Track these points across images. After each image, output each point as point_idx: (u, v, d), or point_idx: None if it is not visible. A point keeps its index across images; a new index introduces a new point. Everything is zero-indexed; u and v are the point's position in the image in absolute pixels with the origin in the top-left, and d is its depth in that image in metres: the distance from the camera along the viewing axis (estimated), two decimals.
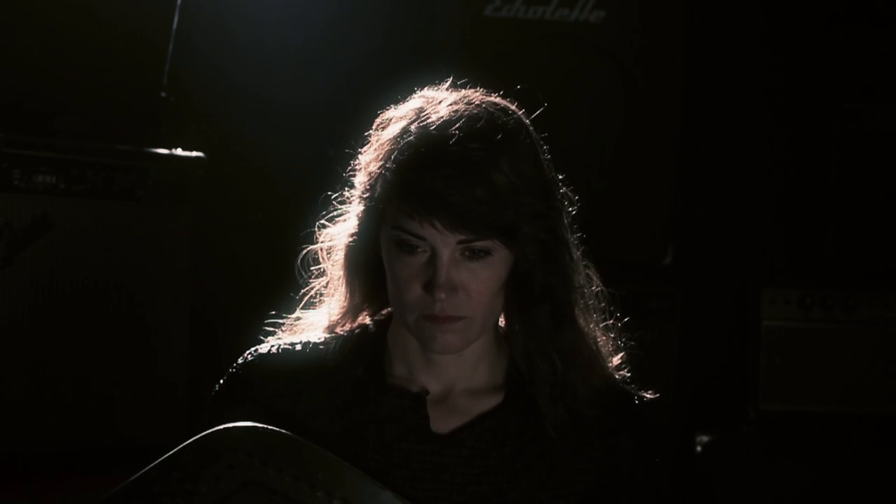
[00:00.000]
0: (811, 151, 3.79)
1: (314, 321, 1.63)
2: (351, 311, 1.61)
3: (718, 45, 3.75)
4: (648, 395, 1.63)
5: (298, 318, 1.64)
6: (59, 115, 3.16)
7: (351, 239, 1.57)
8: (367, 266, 1.57)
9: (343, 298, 1.61)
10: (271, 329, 1.65)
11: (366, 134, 1.57)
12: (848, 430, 3.50)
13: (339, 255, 1.59)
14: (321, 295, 1.64)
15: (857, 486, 3.46)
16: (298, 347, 1.60)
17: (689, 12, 3.48)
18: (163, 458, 1.49)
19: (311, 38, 3.55)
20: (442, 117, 1.48)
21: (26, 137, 2.96)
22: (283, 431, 1.48)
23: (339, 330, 1.61)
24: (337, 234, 1.60)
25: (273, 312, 1.66)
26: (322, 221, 1.62)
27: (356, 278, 1.59)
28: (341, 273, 1.60)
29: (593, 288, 1.60)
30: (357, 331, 1.61)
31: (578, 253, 1.57)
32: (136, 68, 3.42)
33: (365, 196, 1.54)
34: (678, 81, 3.46)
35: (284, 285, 1.69)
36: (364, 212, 1.54)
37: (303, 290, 1.65)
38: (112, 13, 3.40)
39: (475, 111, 1.50)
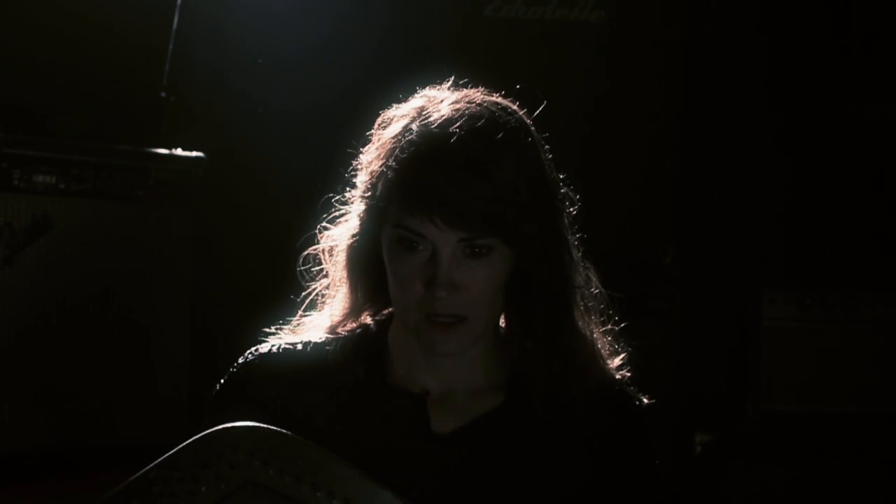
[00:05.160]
0: (811, 152, 3.79)
1: (317, 323, 1.63)
2: (353, 312, 1.61)
3: (718, 46, 3.75)
4: (645, 400, 1.63)
5: (300, 323, 1.64)
6: (59, 115, 3.16)
7: (352, 239, 1.57)
8: (368, 266, 1.57)
9: (345, 299, 1.61)
10: (272, 330, 1.65)
11: (367, 133, 1.57)
12: (848, 430, 3.50)
13: (341, 256, 1.59)
14: (323, 296, 1.64)
15: (857, 486, 3.46)
16: (299, 347, 1.60)
17: (689, 12, 3.48)
18: (163, 457, 1.49)
19: (312, 39, 3.55)
20: (443, 116, 1.49)
21: (26, 137, 2.97)
22: (284, 431, 1.48)
23: (340, 330, 1.61)
24: (339, 235, 1.60)
25: (280, 321, 1.65)
26: (324, 224, 1.62)
27: (358, 278, 1.58)
28: (343, 274, 1.60)
29: (592, 289, 1.60)
30: (358, 331, 1.61)
31: (579, 254, 1.57)
32: (136, 68, 3.43)
33: (366, 195, 1.54)
34: (678, 81, 3.46)
35: (285, 285, 1.69)
36: (365, 211, 1.54)
37: (304, 293, 1.65)
38: (112, 14, 3.40)
39: (476, 110, 1.50)
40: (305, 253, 1.64)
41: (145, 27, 3.39)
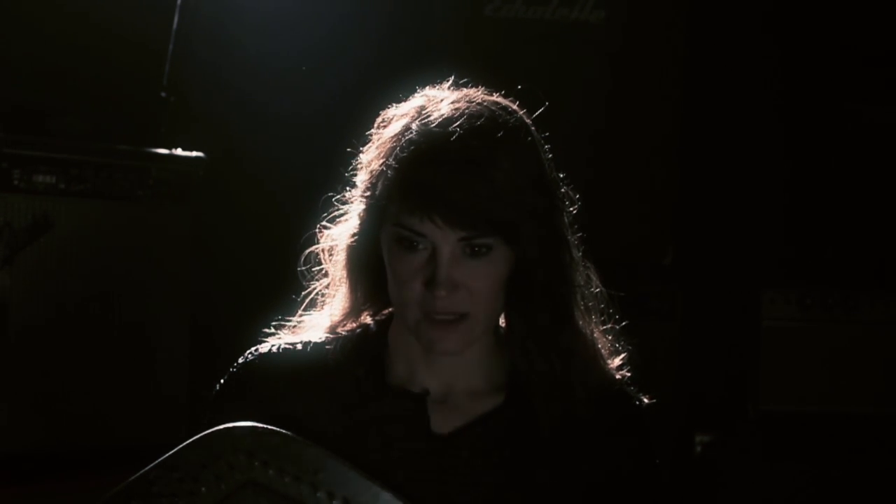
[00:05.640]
0: (811, 151, 3.79)
1: (316, 322, 1.63)
2: (353, 312, 1.61)
3: (718, 46, 3.75)
4: (646, 400, 1.62)
5: (300, 321, 1.64)
6: (60, 115, 3.16)
7: (352, 238, 1.57)
8: (368, 265, 1.57)
9: (345, 299, 1.61)
10: (272, 330, 1.65)
11: (367, 133, 1.57)
12: (848, 430, 3.50)
13: (341, 256, 1.59)
14: (323, 296, 1.64)
15: (857, 486, 3.46)
16: (299, 347, 1.60)
17: (689, 12, 3.48)
18: (163, 457, 1.49)
19: (312, 38, 3.55)
20: (443, 115, 1.49)
21: (26, 137, 2.97)
22: (284, 431, 1.48)
23: (340, 330, 1.61)
24: (338, 235, 1.60)
25: (278, 317, 1.65)
26: (324, 223, 1.62)
27: (358, 278, 1.58)
28: (343, 273, 1.60)
29: (593, 289, 1.60)
30: (358, 331, 1.61)
31: (579, 253, 1.57)
32: (136, 69, 3.43)
33: (366, 195, 1.54)
34: (678, 81, 3.46)
35: (284, 285, 1.69)
36: (365, 210, 1.54)
37: (304, 292, 1.65)
38: (112, 14, 3.40)
39: (476, 109, 1.50)
40: (307, 252, 1.64)
41: (145, 27, 3.39)
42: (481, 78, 1.59)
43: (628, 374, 1.62)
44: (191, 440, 1.49)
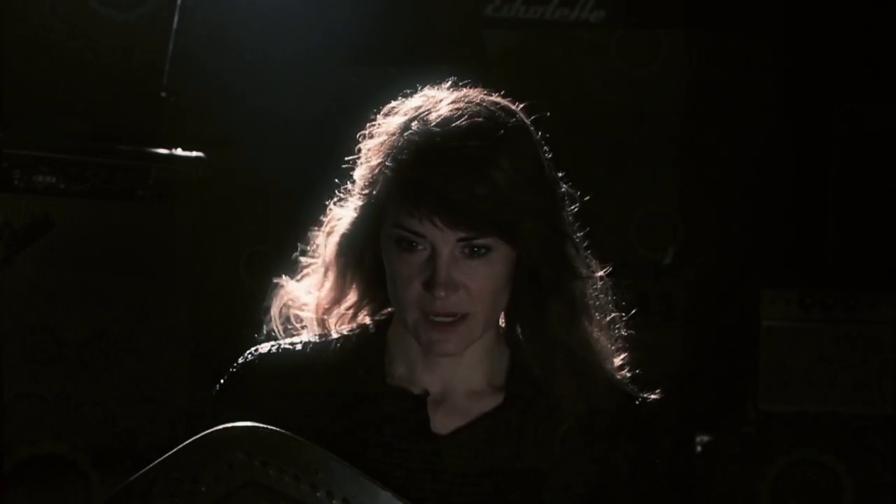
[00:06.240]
0: (811, 151, 3.79)
1: (300, 297, 1.62)
2: (350, 308, 1.61)
3: (718, 46, 3.75)
4: (653, 396, 1.62)
5: (291, 299, 1.63)
6: (60, 115, 3.16)
7: (348, 229, 1.57)
8: (365, 264, 1.57)
9: (332, 286, 1.60)
10: (269, 329, 1.65)
11: (368, 125, 1.56)
12: (848, 430, 3.50)
13: (333, 240, 1.58)
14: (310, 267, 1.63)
15: (857, 486, 3.46)
16: (298, 347, 1.60)
17: (689, 12, 3.48)
18: (162, 458, 1.49)
19: (311, 38, 3.55)
20: (442, 115, 1.49)
21: (26, 137, 2.97)
22: (284, 431, 1.48)
23: (336, 329, 1.61)
24: (338, 222, 1.59)
25: (275, 281, 1.65)
26: (328, 210, 1.61)
27: (353, 274, 1.58)
28: (332, 261, 1.59)
29: (597, 286, 1.59)
30: (357, 331, 1.61)
31: (581, 251, 1.57)
32: (136, 68, 3.43)
33: (364, 193, 1.54)
34: (678, 81, 3.46)
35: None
36: (363, 208, 1.54)
37: (302, 273, 1.65)
38: (112, 13, 3.40)
39: (476, 109, 1.50)
40: (315, 250, 1.63)
41: (145, 27, 3.39)
42: (481, 78, 1.59)
43: (628, 375, 1.62)
44: (190, 440, 1.49)
